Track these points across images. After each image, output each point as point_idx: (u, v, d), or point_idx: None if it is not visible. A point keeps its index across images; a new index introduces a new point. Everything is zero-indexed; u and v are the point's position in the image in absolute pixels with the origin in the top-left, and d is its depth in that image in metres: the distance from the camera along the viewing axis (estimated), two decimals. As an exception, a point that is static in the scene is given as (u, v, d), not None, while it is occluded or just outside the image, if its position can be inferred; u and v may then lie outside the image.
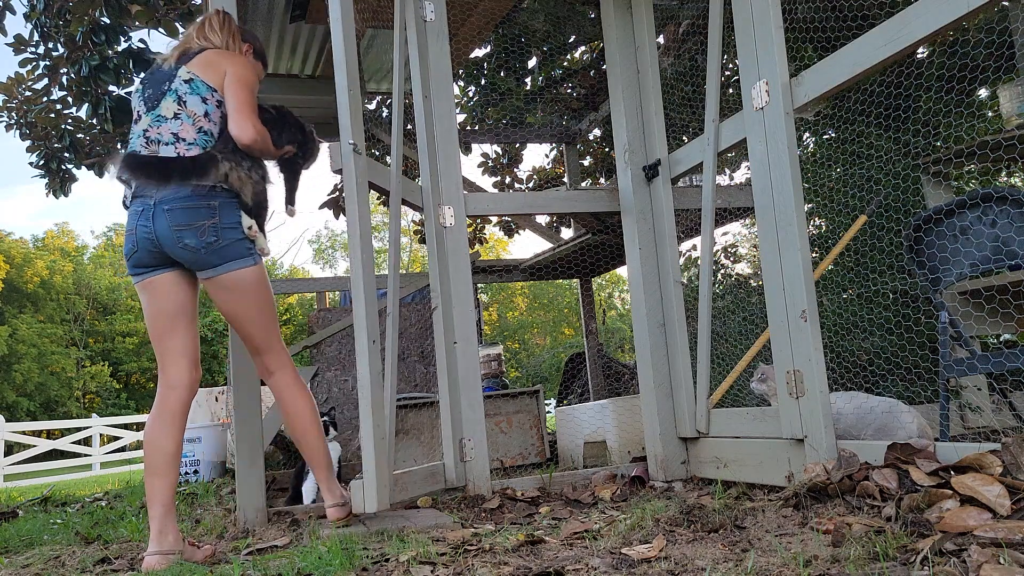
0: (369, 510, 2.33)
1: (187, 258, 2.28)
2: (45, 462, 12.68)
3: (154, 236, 2.25)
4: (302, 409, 2.46)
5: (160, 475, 2.22)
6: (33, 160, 6.08)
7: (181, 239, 2.24)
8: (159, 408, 2.28)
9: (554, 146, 7.45)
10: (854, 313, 3.37)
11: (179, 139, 2.31)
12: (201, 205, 2.25)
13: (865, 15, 2.96)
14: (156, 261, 2.30)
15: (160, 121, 2.33)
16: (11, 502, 4.68)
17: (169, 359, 2.31)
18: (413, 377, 5.38)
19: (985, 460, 1.70)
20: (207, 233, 2.25)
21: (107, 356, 26.01)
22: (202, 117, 2.34)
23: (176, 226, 2.23)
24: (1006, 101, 3.16)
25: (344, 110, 2.47)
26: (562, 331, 26.66)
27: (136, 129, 2.37)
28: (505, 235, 8.38)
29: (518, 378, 20.78)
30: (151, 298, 2.33)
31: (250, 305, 2.38)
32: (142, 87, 2.42)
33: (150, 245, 2.27)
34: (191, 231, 2.24)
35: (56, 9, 5.12)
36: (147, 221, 2.25)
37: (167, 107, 2.34)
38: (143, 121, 2.36)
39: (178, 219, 2.23)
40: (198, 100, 2.35)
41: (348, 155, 2.45)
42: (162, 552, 2.13)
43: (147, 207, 2.26)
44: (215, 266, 2.30)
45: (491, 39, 5.67)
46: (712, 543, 1.80)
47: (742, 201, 3.51)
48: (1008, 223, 2.23)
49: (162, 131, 2.32)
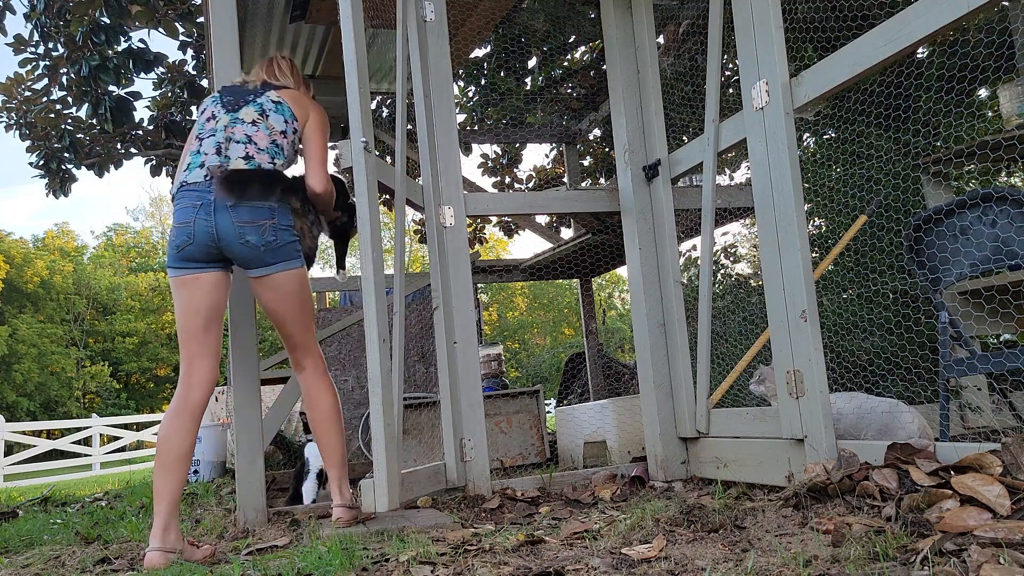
0: (380, 509, 2.33)
1: (245, 255, 2.35)
2: (45, 462, 12.68)
3: (214, 231, 2.31)
4: (327, 406, 2.54)
5: (171, 472, 2.24)
6: (33, 160, 6.08)
7: (243, 235, 2.31)
8: (180, 405, 2.31)
9: (554, 146, 7.45)
10: (854, 313, 3.37)
11: (251, 141, 2.42)
12: (263, 205, 2.34)
13: (865, 15, 2.96)
14: (207, 257, 2.35)
15: (237, 123, 2.46)
16: (11, 502, 4.68)
17: (198, 357, 2.35)
18: (413, 377, 5.39)
19: (985, 460, 1.70)
20: (267, 232, 2.34)
21: (107, 356, 26.02)
22: (279, 133, 2.48)
23: (240, 222, 2.31)
24: (1006, 101, 3.16)
25: (355, 108, 2.47)
26: (562, 331, 26.67)
27: (210, 126, 2.47)
28: (505, 235, 8.39)
29: (518, 378, 20.79)
30: (192, 294, 2.35)
31: (294, 304, 2.47)
32: (220, 94, 2.56)
33: (208, 240, 2.32)
34: (254, 228, 2.32)
35: (56, 9, 5.12)
36: (208, 215, 2.31)
37: (247, 113, 2.48)
38: (221, 119, 2.47)
39: (242, 216, 2.31)
40: (281, 120, 2.51)
41: (359, 153, 2.45)
42: (164, 549, 2.13)
43: (206, 202, 2.32)
44: (269, 265, 2.38)
45: (491, 39, 5.67)
46: (712, 543, 1.80)
47: (742, 201, 3.51)
48: (1008, 223, 2.23)
49: (236, 131, 2.43)
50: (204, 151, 2.43)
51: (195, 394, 2.33)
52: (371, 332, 2.40)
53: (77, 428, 13.78)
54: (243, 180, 2.34)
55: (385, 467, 2.34)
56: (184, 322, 2.36)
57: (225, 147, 2.41)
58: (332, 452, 2.53)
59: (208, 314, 2.37)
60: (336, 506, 2.45)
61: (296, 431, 5.91)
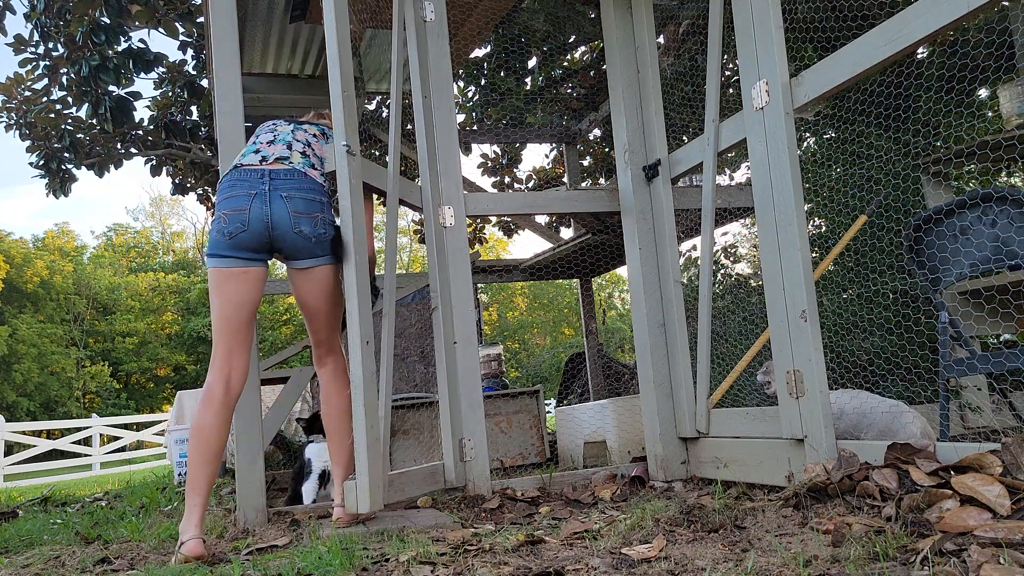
0: (362, 510, 2.34)
1: (297, 244, 2.39)
2: (45, 462, 12.68)
3: (269, 220, 2.34)
4: (343, 405, 2.57)
5: (211, 463, 2.27)
6: (33, 160, 6.08)
7: (298, 225, 2.36)
8: (221, 397, 2.32)
9: (554, 146, 7.45)
10: (854, 313, 3.37)
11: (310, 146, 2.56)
12: (316, 199, 2.42)
13: (865, 15, 2.96)
14: (257, 247, 2.37)
15: (300, 129, 2.60)
16: (11, 502, 4.68)
17: (238, 351, 2.37)
18: (413, 377, 5.38)
19: (985, 460, 1.70)
20: (319, 224, 2.41)
21: (107, 356, 26.01)
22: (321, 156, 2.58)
23: (296, 212, 2.36)
24: (1006, 101, 3.16)
25: (338, 112, 2.49)
26: (562, 331, 26.66)
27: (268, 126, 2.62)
28: (505, 235, 8.39)
29: (518, 378, 20.78)
30: (241, 287, 2.37)
31: (331, 299, 2.53)
32: (281, 119, 2.69)
33: (262, 227, 2.34)
34: (308, 219, 2.38)
35: (56, 9, 5.12)
36: (263, 204, 2.34)
37: (309, 128, 2.63)
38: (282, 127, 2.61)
39: (297, 207, 2.37)
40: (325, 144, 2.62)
41: (342, 156, 2.47)
42: (202, 537, 2.18)
43: (261, 191, 2.35)
44: (316, 256, 2.44)
45: (491, 39, 5.67)
46: (712, 543, 1.80)
47: (742, 201, 3.51)
48: (1008, 223, 2.23)
49: (298, 135, 2.58)
50: (261, 141, 2.51)
51: (235, 387, 2.36)
52: (354, 335, 2.42)
53: (77, 428, 13.77)
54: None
55: (367, 469, 2.35)
56: (227, 313, 2.36)
57: (287, 144, 2.51)
58: (341, 451, 2.55)
59: (252, 308, 2.42)
60: (338, 506, 2.46)
61: (296, 431, 5.91)
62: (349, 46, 2.60)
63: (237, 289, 2.36)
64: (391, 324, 2.68)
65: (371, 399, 2.42)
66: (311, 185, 2.43)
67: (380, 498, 2.38)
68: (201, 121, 6.38)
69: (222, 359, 2.35)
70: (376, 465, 2.39)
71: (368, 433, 2.37)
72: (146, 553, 2.38)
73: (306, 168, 2.46)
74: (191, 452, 2.28)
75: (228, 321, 2.36)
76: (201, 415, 2.29)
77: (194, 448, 2.27)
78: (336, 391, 2.59)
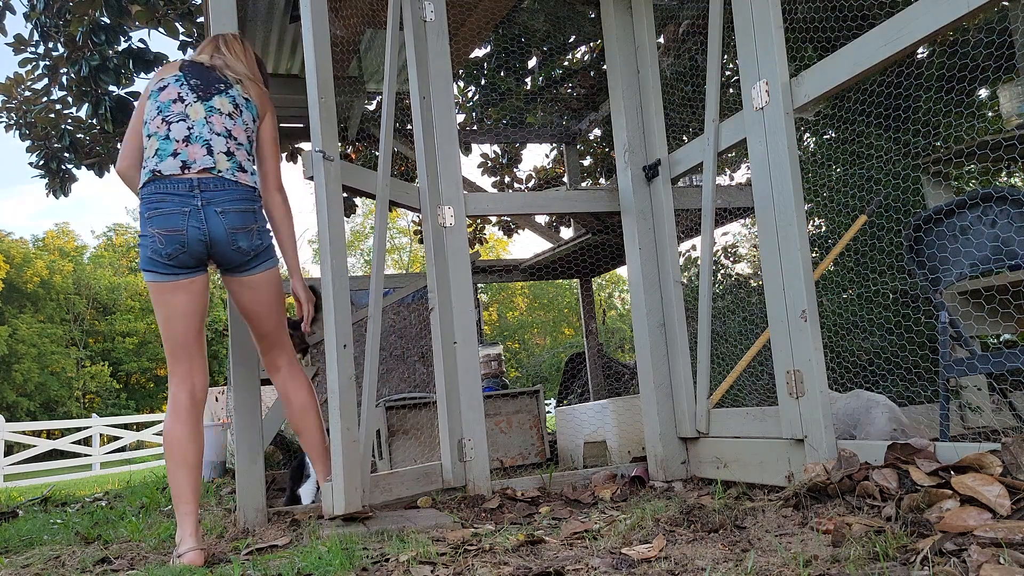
0: (337, 512, 2.34)
1: (234, 259, 2.35)
2: (45, 462, 12.69)
3: (207, 238, 2.28)
4: (303, 400, 2.55)
5: (195, 471, 2.26)
6: (33, 160, 6.08)
7: (236, 241, 2.32)
8: (188, 406, 2.30)
9: (554, 146, 7.45)
10: (854, 313, 3.37)
11: (231, 136, 2.39)
12: (248, 208, 2.35)
13: (865, 15, 2.97)
14: (196, 262, 2.31)
15: (214, 112, 2.39)
16: (11, 502, 4.68)
17: (197, 358, 2.35)
18: (413, 377, 5.38)
19: (985, 460, 1.70)
20: (255, 236, 2.37)
21: (107, 356, 26.01)
22: (252, 132, 2.48)
23: (232, 228, 2.30)
24: (1006, 101, 3.16)
25: (315, 118, 2.51)
26: (562, 331, 26.66)
27: (177, 109, 2.35)
28: (505, 235, 8.39)
29: (518, 378, 20.78)
30: (186, 299, 2.32)
31: (272, 302, 2.48)
32: (184, 74, 2.43)
33: (201, 247, 2.28)
34: (244, 234, 2.33)
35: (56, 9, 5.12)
36: (200, 223, 2.27)
37: (222, 103, 2.42)
38: (194, 106, 2.37)
39: (233, 222, 2.31)
40: (251, 118, 2.49)
41: (318, 162, 2.49)
42: (202, 548, 2.17)
43: (194, 208, 2.26)
44: (255, 266, 2.40)
45: (491, 39, 5.67)
46: (712, 543, 1.80)
47: (742, 201, 3.51)
48: (1008, 223, 2.23)
49: (215, 121, 2.37)
50: (174, 137, 2.32)
51: (200, 394, 2.35)
52: (330, 339, 2.43)
53: (77, 428, 13.78)
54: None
55: (343, 471, 2.36)
56: (179, 325, 2.32)
57: (207, 148, 2.33)
58: (314, 446, 2.55)
59: (202, 316, 2.37)
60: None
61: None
62: (328, 50, 2.61)
63: (186, 300, 2.31)
64: (377, 327, 2.69)
65: (348, 401, 2.43)
66: (242, 195, 2.34)
67: (357, 500, 2.38)
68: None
69: (184, 369, 2.33)
70: (354, 467, 2.40)
71: (344, 436, 2.38)
72: (146, 553, 2.38)
73: (234, 173, 2.35)
74: (169, 465, 2.26)
75: (180, 332, 2.32)
76: (172, 428, 2.27)
77: (171, 461, 2.25)
78: (295, 389, 2.55)
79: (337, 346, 2.42)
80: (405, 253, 26.78)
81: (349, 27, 4.42)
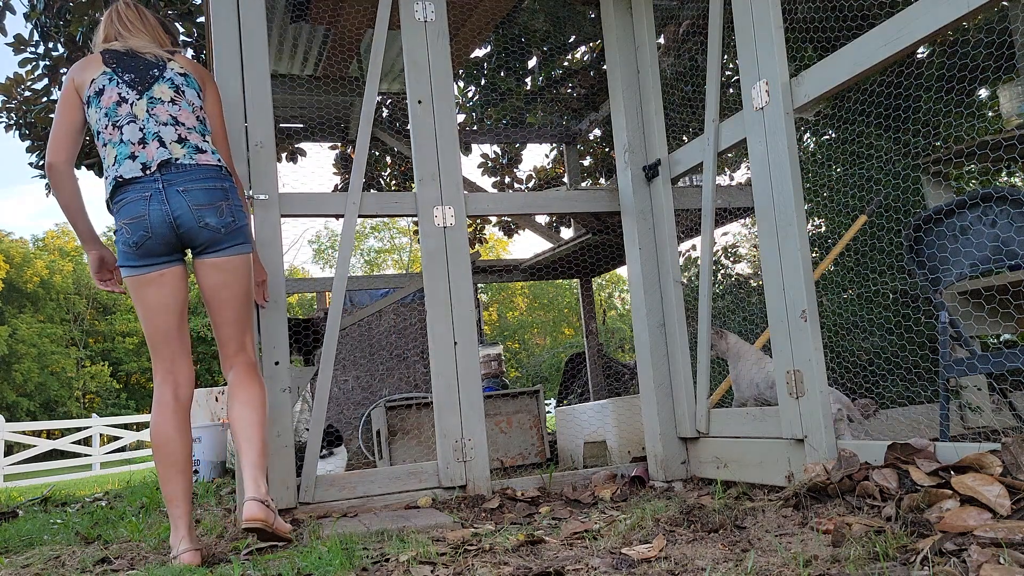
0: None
1: (205, 238, 2.25)
2: (45, 462, 12.68)
3: (171, 219, 2.19)
4: (253, 396, 2.32)
5: (184, 472, 2.21)
6: (33, 160, 6.07)
7: (203, 218, 2.22)
8: (172, 405, 2.25)
9: (554, 146, 7.45)
10: (854, 313, 3.37)
11: (177, 121, 2.30)
12: (215, 186, 2.25)
13: (865, 15, 2.97)
14: (166, 250, 2.23)
15: (156, 103, 2.29)
16: (11, 502, 4.68)
17: (179, 356, 2.29)
18: (413, 377, 5.38)
19: (985, 460, 1.70)
20: (225, 213, 2.26)
21: (107, 356, 26.02)
22: (199, 108, 2.39)
23: (197, 205, 2.21)
24: (1006, 101, 3.16)
25: (243, 168, 2.81)
26: (562, 331, 26.66)
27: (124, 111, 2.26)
28: (505, 235, 8.38)
29: (518, 378, 20.78)
30: (160, 292, 2.24)
31: (243, 289, 2.35)
32: (113, 71, 2.30)
33: (166, 229, 2.20)
34: (211, 210, 2.23)
35: (56, 9, 5.12)
36: (161, 203, 2.18)
37: (161, 91, 2.32)
38: (136, 103, 2.27)
39: (198, 199, 2.22)
40: (194, 94, 2.39)
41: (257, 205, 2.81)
42: (197, 548, 2.15)
43: (155, 191, 2.19)
44: (227, 247, 2.29)
45: (491, 39, 5.67)
46: (712, 543, 1.80)
47: (742, 201, 3.51)
48: (1008, 223, 2.23)
49: (158, 112, 2.28)
50: (129, 140, 2.24)
51: (184, 392, 2.28)
52: (268, 357, 2.65)
53: (77, 428, 13.77)
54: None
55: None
56: (156, 321, 2.25)
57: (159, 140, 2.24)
58: (254, 441, 2.26)
59: (180, 310, 2.28)
60: (249, 498, 2.16)
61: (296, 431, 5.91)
62: (268, 95, 2.84)
63: (159, 293, 2.24)
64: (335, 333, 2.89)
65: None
66: (204, 173, 2.25)
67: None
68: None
69: (166, 367, 2.27)
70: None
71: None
72: (146, 553, 2.38)
73: (192, 156, 2.25)
74: (158, 466, 2.21)
75: (159, 329, 2.26)
76: (157, 427, 2.23)
77: (160, 461, 2.21)
78: (249, 383, 2.34)
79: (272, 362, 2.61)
80: (405, 253, 26.79)
81: (350, 26, 4.42)
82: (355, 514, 2.70)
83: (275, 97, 5.44)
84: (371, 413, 4.68)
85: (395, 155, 7.08)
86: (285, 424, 2.74)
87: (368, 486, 2.80)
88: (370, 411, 4.88)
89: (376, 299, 5.86)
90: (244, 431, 2.26)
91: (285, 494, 2.72)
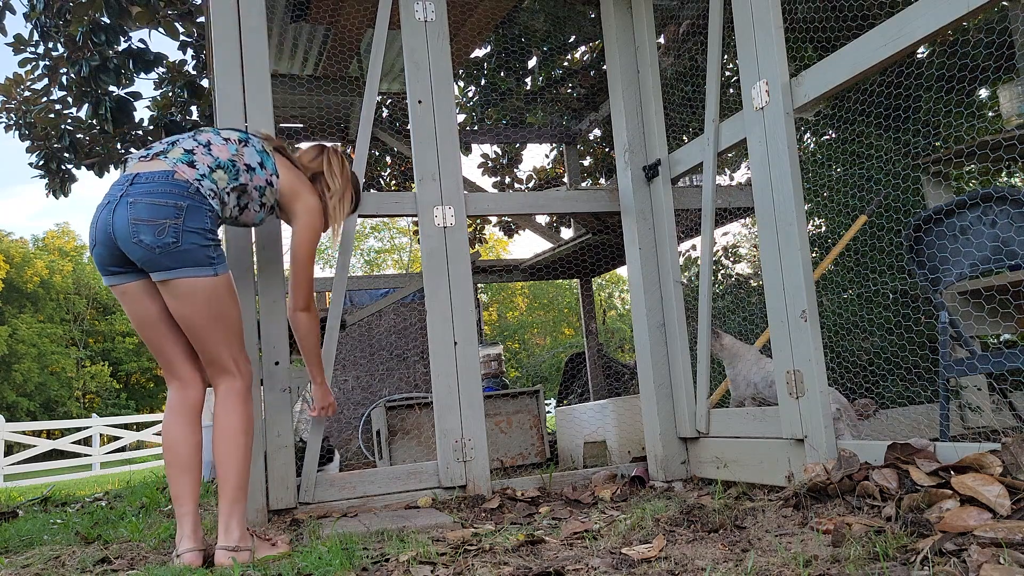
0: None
1: (139, 256, 2.07)
2: (45, 462, 12.69)
3: (112, 230, 2.07)
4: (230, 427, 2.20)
5: (190, 471, 2.20)
6: (33, 160, 6.08)
7: (136, 234, 2.04)
8: (179, 406, 2.25)
9: (554, 146, 7.45)
10: (854, 313, 3.37)
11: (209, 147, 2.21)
12: (168, 203, 2.06)
13: (865, 15, 2.97)
14: (117, 262, 2.12)
15: (214, 133, 2.27)
16: (11, 502, 4.68)
17: (177, 361, 2.26)
18: (413, 377, 5.39)
19: (985, 460, 1.70)
20: (166, 233, 2.04)
21: (107, 356, 26.03)
22: (249, 165, 2.27)
23: (136, 219, 2.04)
24: (1006, 101, 3.16)
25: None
26: (562, 331, 26.66)
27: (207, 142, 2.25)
28: (505, 235, 8.38)
29: (518, 378, 20.78)
30: (132, 306, 2.20)
31: (201, 316, 2.14)
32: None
33: (107, 239, 2.09)
34: (149, 227, 2.04)
35: (56, 9, 5.12)
36: (109, 214, 2.08)
37: (231, 135, 2.29)
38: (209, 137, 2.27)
39: (139, 213, 2.04)
40: (256, 158, 2.29)
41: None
42: (201, 549, 2.13)
43: (113, 199, 2.09)
44: (168, 269, 2.08)
45: (491, 39, 5.67)
46: (712, 543, 1.80)
47: (742, 201, 3.51)
48: (1008, 223, 2.23)
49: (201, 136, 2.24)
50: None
51: (191, 393, 2.27)
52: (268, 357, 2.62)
53: (77, 428, 13.78)
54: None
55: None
56: (141, 333, 2.23)
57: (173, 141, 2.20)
58: (228, 477, 2.17)
59: (154, 323, 2.19)
60: (219, 547, 2.08)
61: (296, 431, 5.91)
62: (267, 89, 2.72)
63: (129, 308, 2.20)
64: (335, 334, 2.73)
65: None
66: (170, 188, 2.07)
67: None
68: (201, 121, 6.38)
69: (167, 372, 2.29)
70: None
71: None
72: (146, 553, 2.38)
73: (176, 164, 2.11)
74: (167, 465, 2.23)
75: (146, 338, 2.25)
76: (164, 427, 2.25)
77: (168, 461, 2.22)
78: (225, 413, 2.21)
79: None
80: (405, 253, 26.78)
81: (350, 26, 4.42)
82: (355, 514, 2.70)
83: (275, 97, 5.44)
84: (371, 413, 4.68)
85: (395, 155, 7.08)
86: (285, 424, 2.74)
87: (368, 486, 2.80)
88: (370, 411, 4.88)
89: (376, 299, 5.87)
90: (220, 466, 2.18)
91: (285, 494, 2.72)
